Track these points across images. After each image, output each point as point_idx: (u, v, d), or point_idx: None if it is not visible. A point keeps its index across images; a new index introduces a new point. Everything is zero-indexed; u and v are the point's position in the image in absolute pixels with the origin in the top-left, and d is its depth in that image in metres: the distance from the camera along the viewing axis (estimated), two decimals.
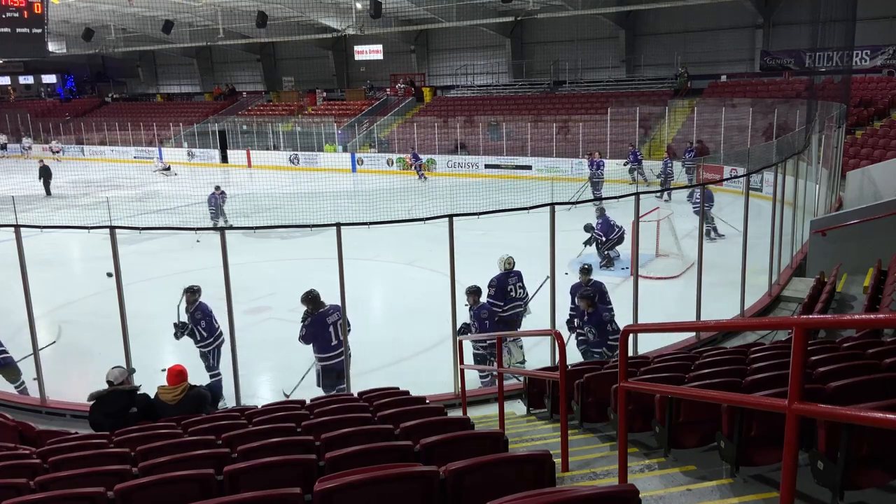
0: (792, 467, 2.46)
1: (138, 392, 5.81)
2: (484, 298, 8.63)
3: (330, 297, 7.71)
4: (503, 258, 9.07)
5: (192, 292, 8.23)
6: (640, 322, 8.28)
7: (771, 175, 10.95)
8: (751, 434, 3.66)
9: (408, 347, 9.57)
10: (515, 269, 9.04)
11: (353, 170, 30.28)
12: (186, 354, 9.14)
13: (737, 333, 9.06)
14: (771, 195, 10.62)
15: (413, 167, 27.46)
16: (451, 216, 7.62)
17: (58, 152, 35.23)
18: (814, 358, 4.44)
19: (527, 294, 9.16)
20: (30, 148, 37.67)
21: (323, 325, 7.61)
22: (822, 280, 9.76)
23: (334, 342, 7.63)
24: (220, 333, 8.27)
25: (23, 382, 8.55)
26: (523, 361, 9.04)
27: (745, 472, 3.67)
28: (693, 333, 9.08)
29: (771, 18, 27.43)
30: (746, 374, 4.41)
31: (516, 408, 7.34)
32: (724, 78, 28.19)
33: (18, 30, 20.26)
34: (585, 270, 8.87)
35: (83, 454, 4.21)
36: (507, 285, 8.92)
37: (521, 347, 9.14)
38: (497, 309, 8.82)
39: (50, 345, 9.04)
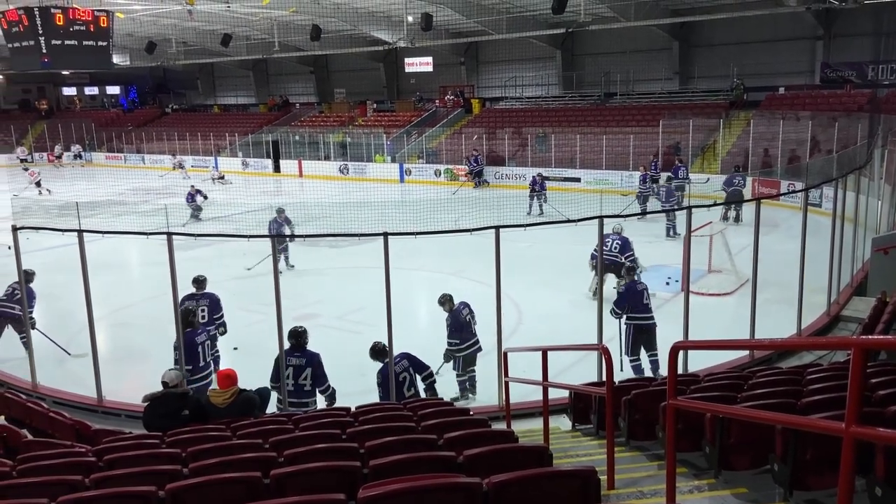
0: (848, 493, 2.37)
1: (190, 395, 5.97)
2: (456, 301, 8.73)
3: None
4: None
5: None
6: (690, 339, 8.10)
7: (830, 190, 10.62)
8: (805, 457, 3.54)
9: None
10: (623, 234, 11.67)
11: (402, 180, 30.54)
12: (236, 357, 9.37)
13: (793, 353, 8.77)
14: (830, 211, 10.29)
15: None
16: (497, 227, 7.61)
17: (221, 178, 31.15)
18: (874, 380, 4.28)
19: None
20: (182, 168, 33.61)
21: (192, 345, 7.79)
22: (884, 300, 9.36)
23: (201, 363, 7.84)
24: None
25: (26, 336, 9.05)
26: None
27: (799, 497, 3.55)
28: (746, 352, 8.84)
29: (832, 30, 26.64)
30: (802, 396, 4.28)
31: (561, 423, 7.26)
32: (782, 90, 27.47)
33: (85, 42, 21.06)
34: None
35: (137, 453, 4.34)
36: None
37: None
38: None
39: None
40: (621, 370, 8.73)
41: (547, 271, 12.97)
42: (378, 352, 7.45)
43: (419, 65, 38.32)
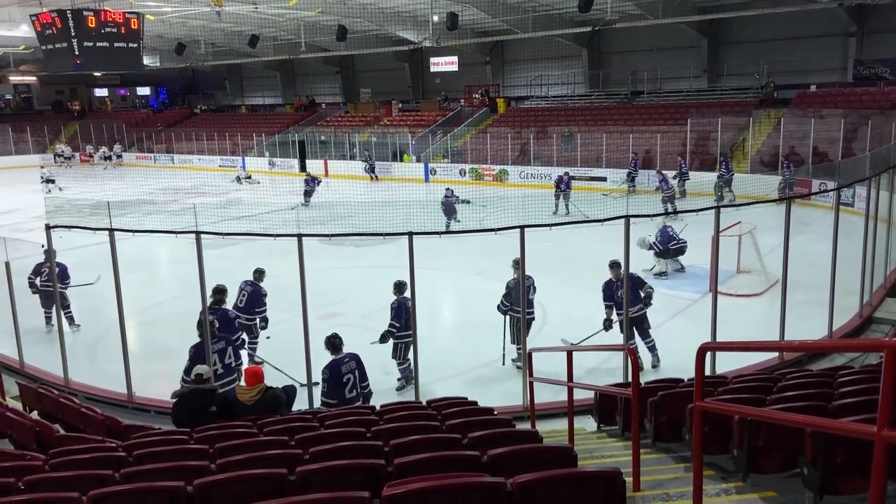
0: (880, 498, 2.32)
1: (217, 392, 6.05)
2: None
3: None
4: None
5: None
6: (718, 340, 8.00)
7: (863, 190, 10.40)
8: (836, 461, 3.47)
9: (476, 357, 9.56)
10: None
11: (427, 179, 30.59)
12: (264, 353, 9.46)
13: (823, 355, 8.61)
14: (863, 211, 10.08)
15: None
16: (522, 227, 7.59)
17: (248, 178, 31.76)
18: None
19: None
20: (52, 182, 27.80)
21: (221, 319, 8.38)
22: None
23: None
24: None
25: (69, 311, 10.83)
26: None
27: (829, 502, 3.49)
28: (775, 354, 8.70)
29: (865, 26, 26.09)
30: (833, 398, 4.20)
31: (586, 423, 7.21)
32: (813, 88, 26.97)
33: (116, 44, 21.44)
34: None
35: (165, 449, 4.41)
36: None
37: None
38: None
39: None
40: (503, 363, 9.27)
41: (572, 271, 12.91)
42: (334, 346, 7.06)
43: (444, 64, 38.35)
